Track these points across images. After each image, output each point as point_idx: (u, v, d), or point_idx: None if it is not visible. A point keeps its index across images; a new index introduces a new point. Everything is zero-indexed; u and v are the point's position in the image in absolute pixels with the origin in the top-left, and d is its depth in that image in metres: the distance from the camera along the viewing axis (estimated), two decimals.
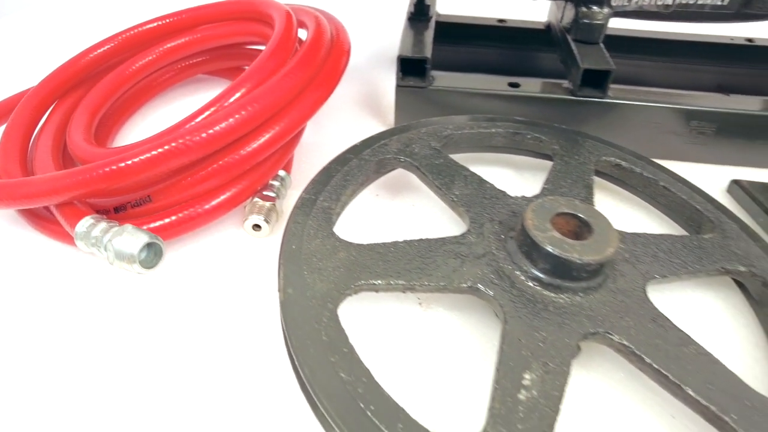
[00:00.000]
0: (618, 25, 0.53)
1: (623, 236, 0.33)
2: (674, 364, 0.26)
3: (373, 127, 0.44)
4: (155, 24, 0.47)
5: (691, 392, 0.25)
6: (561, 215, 0.30)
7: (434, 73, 0.47)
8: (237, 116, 0.34)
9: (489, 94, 0.45)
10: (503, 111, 0.45)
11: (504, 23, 0.56)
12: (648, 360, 0.26)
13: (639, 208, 0.40)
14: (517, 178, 0.43)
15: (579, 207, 0.30)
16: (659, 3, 0.44)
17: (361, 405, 0.23)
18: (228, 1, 0.46)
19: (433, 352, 0.30)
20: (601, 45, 0.45)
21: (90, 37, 0.47)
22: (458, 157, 0.40)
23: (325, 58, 0.41)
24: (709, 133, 0.46)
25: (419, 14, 0.49)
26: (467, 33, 0.57)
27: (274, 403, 0.28)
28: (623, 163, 0.39)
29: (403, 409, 0.23)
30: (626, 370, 0.29)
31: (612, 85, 0.45)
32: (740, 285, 0.34)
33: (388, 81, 0.45)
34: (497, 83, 0.46)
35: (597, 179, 0.40)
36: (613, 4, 0.44)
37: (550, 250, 0.28)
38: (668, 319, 0.28)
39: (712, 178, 0.45)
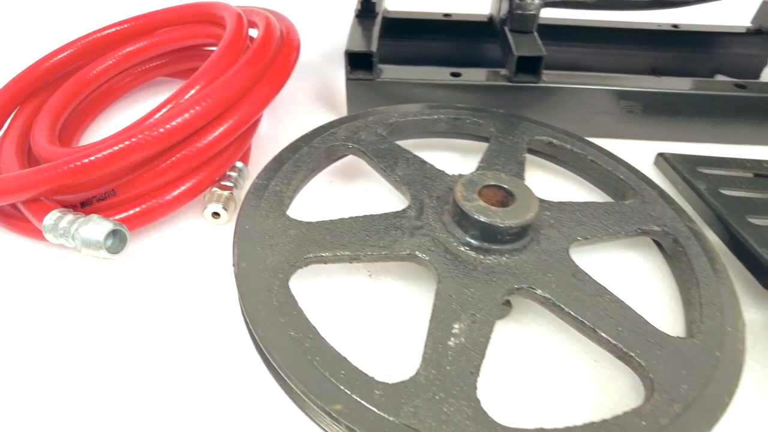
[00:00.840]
0: (560, 15, 0.57)
1: (551, 205, 0.36)
2: (589, 311, 0.29)
3: (328, 118, 0.46)
4: (113, 29, 0.49)
5: (603, 334, 0.29)
6: (488, 187, 0.33)
7: (383, 66, 0.50)
8: (192, 111, 0.36)
9: (433, 84, 0.48)
10: (447, 99, 0.49)
11: (449, 17, 0.60)
12: (567, 309, 0.29)
13: (571, 181, 0.44)
14: (460, 159, 0.46)
15: (504, 179, 0.34)
16: None
17: (308, 357, 0.25)
18: (182, 6, 0.49)
19: (379, 314, 0.33)
20: (535, 34, 0.49)
21: (51, 41, 0.49)
22: (405, 143, 0.43)
23: (275, 55, 0.43)
24: (637, 112, 0.50)
25: (366, 12, 0.52)
26: (416, 27, 0.60)
27: (233, 366, 0.30)
28: (555, 141, 0.43)
29: (345, 359, 0.26)
30: (556, 324, 0.32)
31: (546, 71, 0.49)
32: (658, 244, 0.38)
33: (340, 75, 0.48)
34: (440, 74, 0.49)
35: (532, 156, 0.44)
36: None
37: (477, 217, 0.31)
38: (587, 274, 0.32)
39: (642, 153, 0.49)
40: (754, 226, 0.37)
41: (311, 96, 0.55)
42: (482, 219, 0.31)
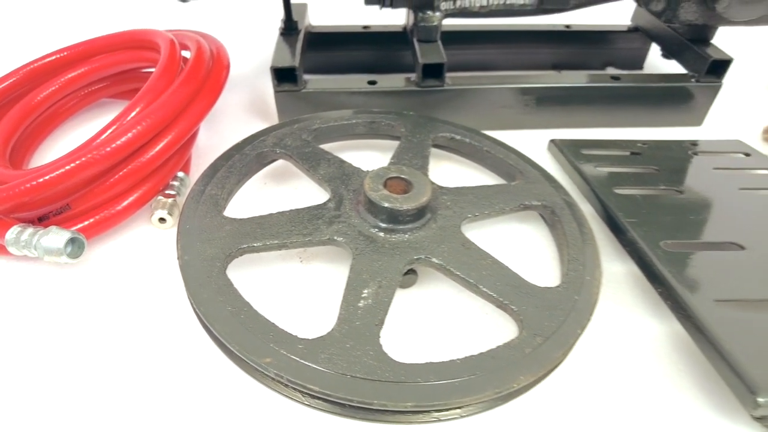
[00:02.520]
0: (472, 22, 0.63)
1: (449, 190, 0.43)
2: (474, 272, 0.36)
3: (261, 126, 0.51)
4: (54, 57, 0.53)
5: (484, 289, 0.35)
6: (392, 179, 0.40)
7: (311, 76, 0.56)
8: (134, 131, 0.42)
9: (353, 92, 0.55)
10: (367, 104, 0.55)
11: (368, 29, 0.66)
12: (456, 272, 0.36)
13: (471, 169, 0.51)
14: (378, 156, 0.52)
15: (405, 171, 0.40)
16: (477, 5, 0.54)
17: (243, 325, 0.31)
18: (118, 33, 0.53)
19: (307, 291, 0.39)
20: (438, 43, 0.56)
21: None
22: (330, 146, 0.49)
23: (207, 74, 0.49)
24: (532, 105, 0.57)
25: (289, 29, 0.58)
26: (339, 40, 0.66)
27: (183, 342, 0.36)
28: (456, 137, 0.50)
29: (274, 324, 0.32)
30: (455, 288, 0.39)
31: (451, 74, 0.56)
32: (543, 216, 0.45)
33: (270, 87, 0.54)
34: (359, 82, 0.55)
35: (437, 151, 0.51)
36: (442, 8, 0.54)
37: (382, 204, 0.37)
38: (474, 243, 0.39)
39: (539, 140, 0.56)
40: (617, 195, 0.45)
41: (245, 107, 0.60)
42: (386, 205, 0.37)
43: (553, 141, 0.55)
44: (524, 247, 0.44)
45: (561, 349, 0.32)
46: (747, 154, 0.54)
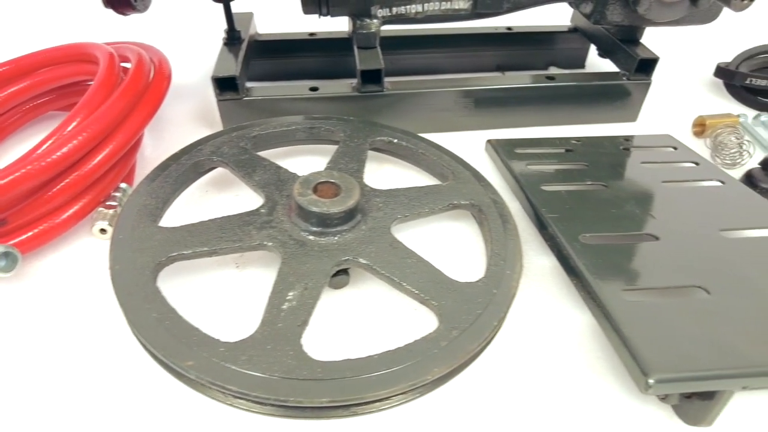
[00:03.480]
0: (417, 27, 0.64)
1: (382, 192, 0.45)
2: (398, 270, 0.38)
3: (207, 134, 0.53)
4: None
5: (407, 286, 0.37)
6: (322, 183, 0.41)
7: (259, 84, 0.57)
8: (73, 143, 0.42)
9: (295, 98, 0.56)
10: (310, 110, 0.56)
11: (315, 36, 0.67)
12: (381, 271, 0.38)
13: (410, 171, 0.53)
14: (319, 161, 0.54)
15: (335, 176, 0.42)
16: (413, 11, 0.56)
17: (167, 331, 0.33)
18: (58, 47, 0.54)
19: (239, 297, 0.40)
20: (377, 49, 0.57)
21: None
22: (271, 152, 0.50)
23: (147, 85, 0.50)
24: (470, 107, 0.59)
25: (232, 39, 0.59)
26: (286, 47, 0.68)
27: (115, 348, 0.37)
28: (394, 140, 0.51)
29: (197, 329, 0.33)
30: (386, 288, 0.40)
31: (392, 79, 0.57)
32: (474, 215, 0.47)
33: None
34: (301, 89, 0.56)
35: (376, 154, 0.53)
36: (379, 15, 0.56)
37: (309, 209, 0.39)
38: (401, 243, 0.40)
39: (477, 141, 0.58)
40: (543, 192, 0.47)
41: (193, 116, 0.61)
42: (313, 209, 0.39)
43: (489, 141, 0.56)
44: (454, 245, 0.45)
45: (476, 341, 0.34)
46: (675, 148, 0.56)
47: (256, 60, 0.67)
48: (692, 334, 0.32)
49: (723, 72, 0.67)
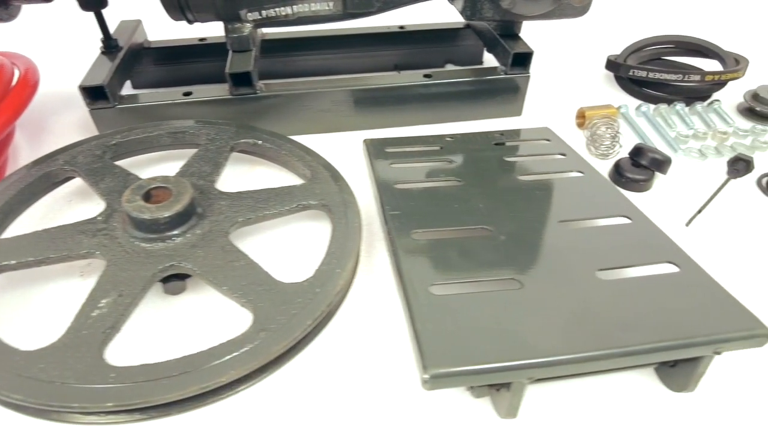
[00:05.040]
0: (311, 28, 0.64)
1: (230, 195, 0.45)
2: (221, 273, 0.38)
3: None
4: None
5: (226, 289, 0.37)
6: (156, 189, 0.41)
7: (145, 91, 0.57)
8: None
9: (169, 104, 0.56)
10: (186, 115, 0.56)
11: (205, 41, 0.67)
12: (203, 275, 0.38)
13: (275, 171, 0.53)
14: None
15: (170, 180, 0.42)
16: (284, 13, 0.56)
17: None
18: None
19: (76, 306, 0.40)
20: (252, 51, 0.57)
21: None
22: (135, 159, 0.50)
23: (5, 92, 0.50)
24: (350, 107, 0.59)
25: (109, 47, 0.59)
26: (179, 53, 0.68)
27: None
28: (259, 142, 0.52)
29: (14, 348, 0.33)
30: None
31: (267, 81, 0.58)
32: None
33: None
34: (174, 94, 0.57)
35: (247, 157, 0.53)
36: (250, 18, 0.56)
37: (133, 215, 0.39)
38: (235, 246, 0.40)
39: (357, 141, 0.58)
40: (394, 190, 0.47)
41: (74, 125, 0.61)
42: (137, 215, 0.39)
43: (365, 141, 0.57)
44: (303, 246, 0.45)
45: (282, 341, 0.34)
46: (548, 140, 0.56)
47: (150, 67, 0.68)
48: (488, 327, 0.33)
49: (611, 65, 0.68)
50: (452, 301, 0.35)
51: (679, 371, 0.36)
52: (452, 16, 0.72)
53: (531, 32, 0.77)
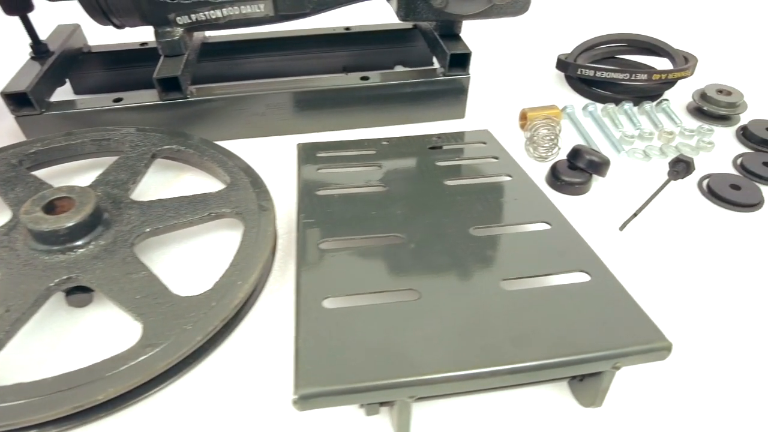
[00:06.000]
0: (257, 30, 0.63)
1: (141, 204, 0.44)
2: (116, 286, 0.37)
3: None
4: None
5: (119, 302, 0.36)
6: (61, 199, 0.40)
7: (80, 97, 0.57)
8: None
9: (99, 111, 0.55)
10: (117, 122, 0.55)
11: (146, 45, 0.66)
12: (100, 288, 0.37)
13: (202, 178, 0.52)
14: None
15: (75, 190, 0.41)
16: (214, 17, 0.55)
17: None
18: None
19: None
20: (183, 56, 0.56)
21: None
22: (62, 167, 0.50)
23: None
24: (286, 111, 0.58)
25: (38, 52, 0.58)
26: (122, 58, 0.67)
27: None
28: (182, 148, 0.51)
29: None
30: None
31: (200, 86, 0.57)
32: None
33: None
34: (104, 100, 0.56)
35: (172, 162, 0.52)
36: (179, 22, 0.55)
37: (29, 226, 0.38)
38: (136, 258, 0.39)
39: (294, 145, 0.57)
40: (313, 197, 0.46)
41: (4, 132, 0.60)
42: (33, 227, 0.38)
43: (298, 145, 0.55)
44: (213, 255, 0.44)
45: (167, 358, 0.33)
46: (485, 143, 0.55)
47: (92, 72, 0.67)
48: (374, 343, 0.32)
49: (561, 64, 0.66)
50: (344, 315, 0.34)
51: (586, 386, 0.35)
52: None
53: (483, 32, 0.76)
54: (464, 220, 0.42)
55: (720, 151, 0.58)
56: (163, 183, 0.52)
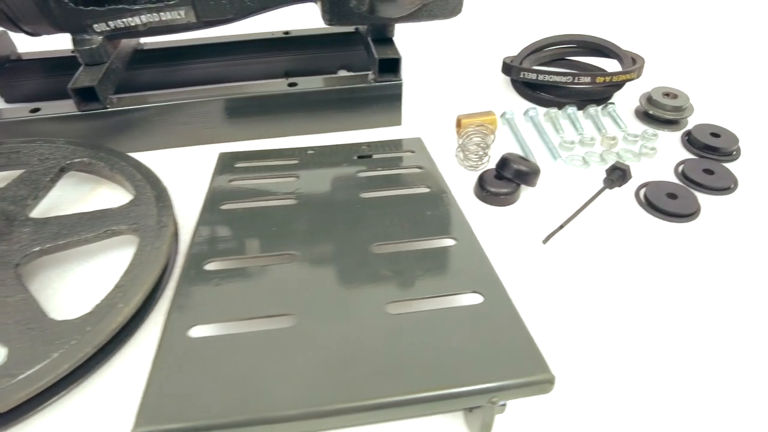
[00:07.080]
0: (200, 35, 0.61)
1: (35, 221, 0.42)
2: None
3: None
4: None
5: None
6: None
7: (12, 106, 0.55)
8: None
9: (16, 122, 0.53)
10: (35, 133, 0.54)
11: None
12: None
13: (117, 192, 0.50)
14: None
15: None
16: (134, 24, 0.53)
17: None
18: None
19: None
20: (104, 65, 0.54)
21: None
22: None
23: None
24: (209, 120, 0.56)
25: None
26: (53, 65, 0.65)
27: None
28: (93, 161, 0.49)
29: None
30: None
31: (123, 95, 0.55)
32: None
33: None
34: (21, 110, 0.54)
35: (83, 174, 0.50)
36: (98, 29, 0.53)
37: None
38: (16, 280, 0.38)
39: (215, 155, 0.55)
40: (217, 212, 0.44)
41: None
42: None
43: (220, 154, 0.54)
44: (108, 275, 0.43)
45: (25, 390, 0.32)
46: (413, 152, 0.53)
47: (25, 80, 0.65)
48: (231, 376, 0.30)
49: (505, 67, 0.64)
50: (208, 345, 0.32)
51: (477, 417, 0.33)
52: None
53: (431, 36, 0.74)
54: (368, 236, 0.40)
55: (663, 157, 0.55)
56: (77, 198, 0.51)
